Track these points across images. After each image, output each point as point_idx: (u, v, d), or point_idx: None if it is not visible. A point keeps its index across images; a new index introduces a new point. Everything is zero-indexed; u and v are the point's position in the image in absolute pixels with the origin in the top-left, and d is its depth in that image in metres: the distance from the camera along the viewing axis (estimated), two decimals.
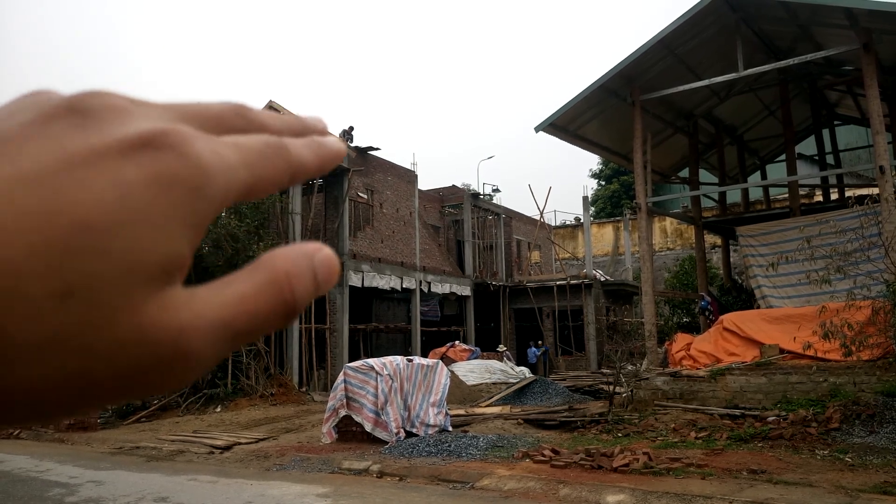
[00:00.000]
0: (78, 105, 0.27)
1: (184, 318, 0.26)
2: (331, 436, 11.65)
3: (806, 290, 13.99)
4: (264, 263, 0.29)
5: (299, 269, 0.29)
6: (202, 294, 0.28)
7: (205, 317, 0.27)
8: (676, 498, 7.23)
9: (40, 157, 0.25)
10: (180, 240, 0.26)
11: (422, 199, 26.91)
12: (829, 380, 11.36)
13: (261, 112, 0.34)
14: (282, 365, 19.22)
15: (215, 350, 0.27)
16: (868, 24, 12.92)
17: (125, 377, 0.25)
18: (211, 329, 0.27)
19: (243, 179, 0.29)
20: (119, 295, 0.24)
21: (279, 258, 0.30)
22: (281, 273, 0.29)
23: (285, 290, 0.29)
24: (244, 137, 0.31)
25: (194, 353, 0.26)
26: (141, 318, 0.25)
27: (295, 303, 0.29)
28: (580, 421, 12.07)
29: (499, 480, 8.37)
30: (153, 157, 0.26)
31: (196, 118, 0.30)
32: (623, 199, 41.71)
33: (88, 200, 0.24)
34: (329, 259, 0.31)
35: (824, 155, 20.59)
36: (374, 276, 22.74)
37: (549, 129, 16.41)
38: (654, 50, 14.97)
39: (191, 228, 0.27)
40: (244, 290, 0.28)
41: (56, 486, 8.74)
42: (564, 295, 26.93)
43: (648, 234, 16.42)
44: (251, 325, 0.28)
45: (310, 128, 0.35)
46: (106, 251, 0.24)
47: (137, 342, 0.25)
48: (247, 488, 8.57)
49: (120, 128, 0.27)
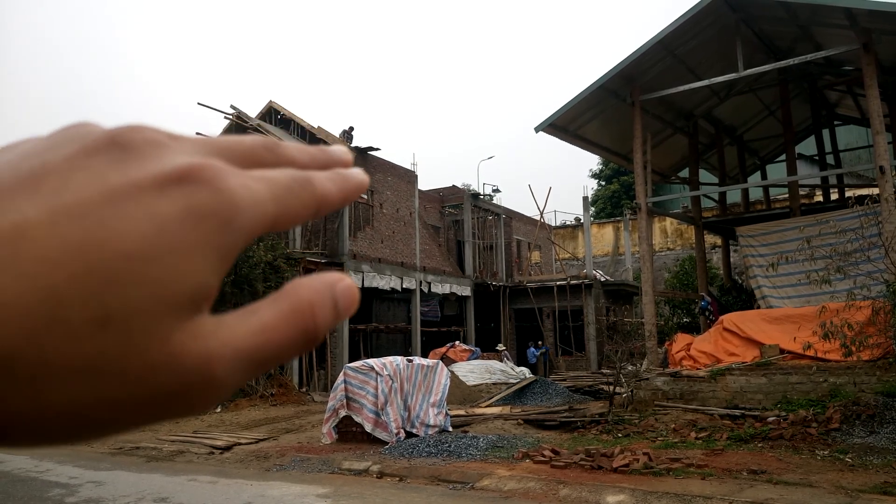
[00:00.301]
0: (119, 139, 0.28)
1: (211, 346, 0.27)
2: (331, 436, 11.65)
3: (806, 290, 13.99)
4: (288, 293, 0.30)
5: (322, 299, 0.30)
6: (228, 322, 0.28)
7: (230, 345, 0.28)
8: (676, 498, 7.23)
9: (84, 189, 0.26)
10: (210, 270, 0.28)
11: (422, 200, 26.91)
12: (830, 380, 11.35)
13: (289, 146, 0.35)
14: (282, 365, 19.19)
15: (239, 377, 0.28)
16: (868, 25, 12.91)
17: (155, 402, 0.26)
18: (236, 357, 0.28)
19: (271, 213, 0.30)
20: (153, 323, 0.26)
21: (303, 288, 0.31)
22: (305, 303, 0.30)
23: (308, 320, 0.30)
24: (273, 172, 0.32)
25: (219, 379, 0.27)
26: (172, 345, 0.26)
27: (317, 332, 0.30)
28: (580, 421, 12.07)
29: (499, 481, 8.37)
30: (188, 191, 0.28)
31: (228, 153, 0.31)
32: (623, 200, 41.70)
33: (128, 232, 0.26)
34: (350, 289, 0.32)
35: (824, 155, 20.59)
36: (375, 277, 22.74)
37: (549, 130, 16.41)
38: (653, 50, 14.97)
39: (220, 259, 0.28)
40: (268, 320, 0.29)
41: (56, 487, 8.74)
42: (564, 295, 26.92)
43: (648, 235, 16.42)
44: (274, 354, 0.29)
45: (335, 160, 0.37)
46: (142, 281, 0.25)
47: (168, 369, 0.26)
48: (247, 488, 8.57)
49: (158, 162, 0.28)
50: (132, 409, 0.26)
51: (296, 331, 0.29)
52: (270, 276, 18.20)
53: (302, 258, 19.63)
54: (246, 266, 17.43)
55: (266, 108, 23.15)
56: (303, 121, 22.41)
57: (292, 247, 19.92)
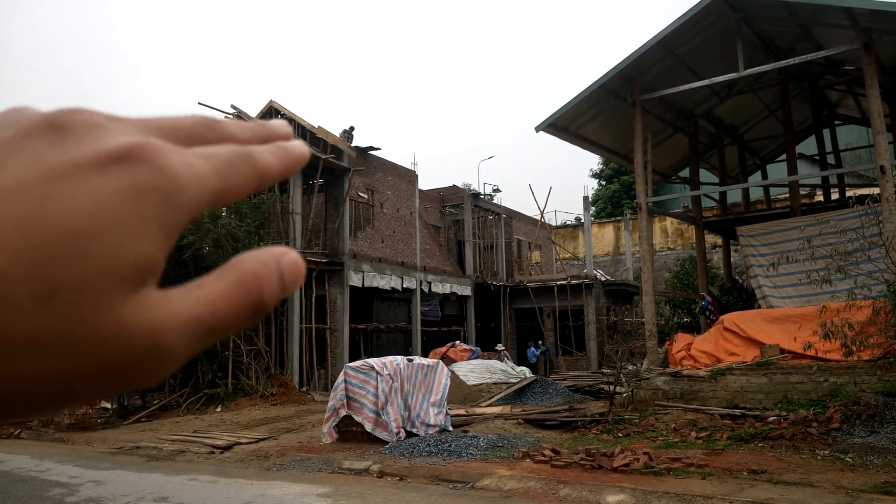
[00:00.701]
0: (56, 121, 0.29)
1: (159, 316, 0.28)
2: (331, 436, 11.65)
3: (806, 289, 13.98)
4: (234, 265, 0.32)
5: (267, 271, 0.32)
6: (176, 294, 0.29)
7: (178, 315, 0.29)
8: (677, 498, 7.22)
9: (22, 170, 0.27)
10: (154, 244, 0.28)
11: (422, 199, 26.90)
12: (830, 380, 11.35)
13: (228, 123, 0.36)
14: (282, 365, 19.22)
15: (188, 346, 0.29)
16: (868, 24, 12.91)
17: (107, 373, 0.27)
18: (184, 326, 0.29)
19: (213, 187, 0.31)
20: (99, 295, 0.27)
21: (248, 260, 0.32)
22: (250, 274, 0.31)
23: (254, 291, 0.31)
24: (213, 148, 0.33)
25: (169, 349, 0.28)
26: (120, 316, 0.27)
27: (263, 302, 0.31)
28: (581, 421, 12.07)
29: (499, 480, 8.37)
30: (129, 168, 0.28)
31: (168, 132, 0.32)
32: (623, 199, 41.69)
33: (69, 209, 0.26)
34: (295, 262, 0.33)
35: (825, 155, 20.58)
36: (375, 276, 22.73)
37: (550, 129, 16.40)
38: (654, 50, 14.96)
39: (164, 234, 0.29)
40: (215, 291, 0.30)
41: (56, 486, 8.74)
42: (565, 295, 26.92)
43: (649, 234, 16.41)
44: (222, 323, 0.30)
45: (275, 134, 0.38)
46: (86, 255, 0.26)
47: (117, 339, 0.27)
48: (247, 488, 8.57)
49: (98, 142, 0.29)
50: (85, 380, 0.27)
51: (243, 301, 0.30)
52: None
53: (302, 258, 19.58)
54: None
55: (266, 107, 23.14)
56: (303, 120, 22.39)
57: (293, 246, 19.91)
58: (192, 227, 16.99)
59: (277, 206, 20.14)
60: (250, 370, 17.73)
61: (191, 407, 16.40)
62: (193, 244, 17.04)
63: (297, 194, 20.63)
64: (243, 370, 17.58)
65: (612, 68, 15.28)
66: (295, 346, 19.53)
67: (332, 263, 20.97)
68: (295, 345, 19.53)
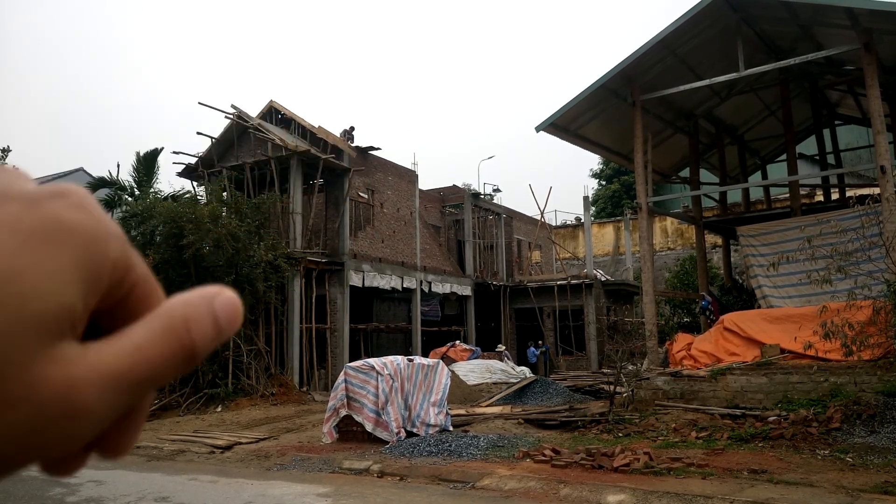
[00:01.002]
0: None
1: (75, 372, 0.25)
2: (331, 435, 11.65)
3: (807, 289, 13.98)
4: (162, 311, 0.29)
5: (198, 314, 0.29)
6: (97, 347, 0.27)
7: (97, 369, 0.26)
8: (677, 498, 7.22)
9: None
10: (74, 292, 0.26)
11: (422, 199, 26.90)
12: (830, 379, 11.35)
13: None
14: (282, 365, 19.22)
15: (111, 402, 0.27)
16: (869, 24, 12.91)
17: (16, 437, 0.24)
18: (104, 382, 0.26)
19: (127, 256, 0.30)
20: (10, 348, 0.24)
21: (178, 304, 0.30)
22: (178, 319, 0.29)
23: (183, 336, 0.29)
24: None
25: (86, 407, 0.25)
26: (31, 373, 0.24)
27: (194, 348, 0.29)
28: (581, 421, 12.07)
29: (499, 480, 8.37)
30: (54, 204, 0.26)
31: None
32: (624, 199, 41.69)
33: None
34: (230, 301, 0.31)
35: (825, 155, 20.58)
36: (375, 276, 22.73)
37: (550, 129, 16.41)
38: (654, 50, 14.96)
39: (85, 283, 0.26)
40: (140, 339, 0.28)
41: (56, 486, 8.74)
42: (565, 295, 26.92)
43: (649, 234, 16.41)
44: (148, 374, 0.28)
45: None
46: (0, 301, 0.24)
47: (27, 399, 0.24)
48: (247, 488, 8.57)
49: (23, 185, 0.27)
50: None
51: (171, 349, 0.28)
52: (271, 276, 18.16)
53: (302, 258, 19.62)
54: (247, 266, 17.41)
55: (267, 107, 23.15)
56: (303, 120, 22.41)
57: (293, 246, 19.91)
58: (192, 227, 17.00)
59: (278, 205, 20.14)
60: (250, 370, 17.73)
61: (191, 407, 16.39)
62: (193, 244, 17.00)
63: (298, 194, 20.63)
64: (243, 370, 17.58)
65: (613, 68, 15.28)
66: (295, 345, 19.53)
67: (332, 263, 20.97)
68: (295, 345, 19.53)
